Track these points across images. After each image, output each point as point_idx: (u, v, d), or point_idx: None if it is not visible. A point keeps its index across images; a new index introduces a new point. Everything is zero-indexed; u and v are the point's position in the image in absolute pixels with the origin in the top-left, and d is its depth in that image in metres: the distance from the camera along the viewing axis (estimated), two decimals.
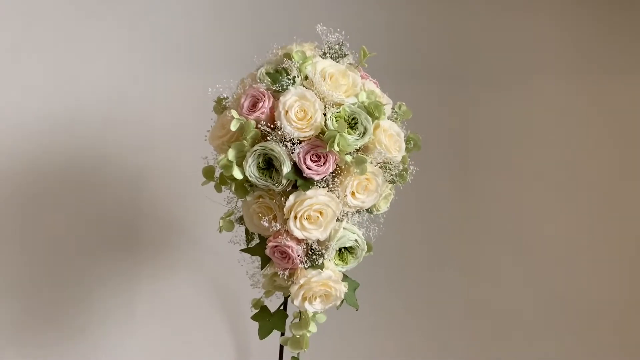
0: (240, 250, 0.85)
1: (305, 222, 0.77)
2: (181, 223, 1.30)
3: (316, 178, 0.78)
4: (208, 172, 0.84)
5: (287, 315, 0.84)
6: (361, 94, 0.84)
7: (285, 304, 0.87)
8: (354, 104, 0.83)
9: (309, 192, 0.77)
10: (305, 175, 0.78)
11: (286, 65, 0.82)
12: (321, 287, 0.77)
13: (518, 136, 1.35)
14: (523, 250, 1.33)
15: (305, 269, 0.78)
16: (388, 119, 0.87)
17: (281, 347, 0.93)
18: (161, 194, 1.29)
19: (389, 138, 0.84)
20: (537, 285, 1.32)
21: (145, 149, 1.26)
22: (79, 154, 1.24)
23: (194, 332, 1.27)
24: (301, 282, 0.76)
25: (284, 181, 0.78)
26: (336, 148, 0.76)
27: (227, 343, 1.28)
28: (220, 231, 0.85)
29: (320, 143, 0.78)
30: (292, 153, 0.78)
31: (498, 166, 1.35)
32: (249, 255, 0.87)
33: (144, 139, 1.26)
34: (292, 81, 0.81)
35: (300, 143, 0.79)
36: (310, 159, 0.78)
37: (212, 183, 0.84)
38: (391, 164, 0.85)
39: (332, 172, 0.79)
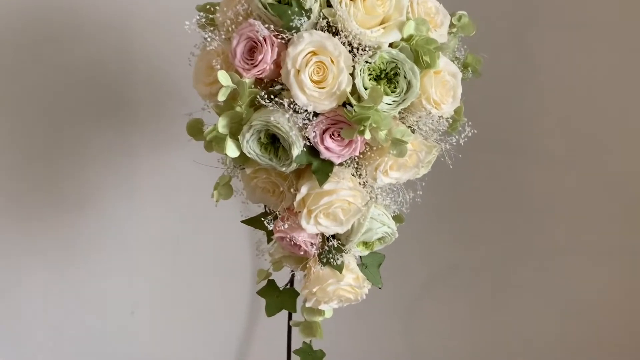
0: (242, 221, 0.68)
1: (321, 219, 0.59)
2: (180, 90, 1.09)
3: (337, 161, 0.57)
4: (193, 128, 0.63)
5: (297, 294, 0.71)
6: (408, 25, 0.58)
7: (292, 281, 0.74)
8: (395, 46, 0.57)
9: (328, 186, 0.57)
10: (322, 157, 0.57)
11: None
12: (340, 291, 0.63)
13: None
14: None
15: (321, 268, 0.62)
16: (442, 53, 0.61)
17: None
18: (155, 55, 1.06)
19: (442, 87, 0.60)
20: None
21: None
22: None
23: (202, 213, 1.16)
24: (314, 290, 0.61)
25: (294, 164, 0.58)
26: (368, 136, 0.54)
27: (237, 226, 1.18)
28: (216, 202, 0.67)
29: (343, 118, 0.56)
30: (306, 128, 0.56)
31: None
32: None
33: None
34: (306, 17, 0.54)
35: (316, 115, 0.57)
36: (331, 136, 0.56)
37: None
38: (439, 120, 0.63)
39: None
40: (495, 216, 1.16)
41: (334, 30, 0.56)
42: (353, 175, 0.60)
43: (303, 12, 0.54)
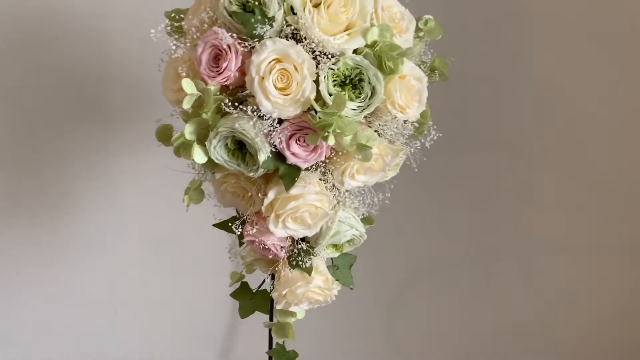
0: (214, 225, 0.69)
1: (289, 223, 0.60)
2: (158, 94, 1.10)
3: (303, 166, 0.58)
4: (162, 134, 0.63)
5: (270, 296, 0.72)
6: (371, 32, 0.58)
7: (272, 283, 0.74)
8: (360, 53, 0.58)
9: (295, 191, 0.58)
10: (289, 162, 0.58)
11: None
12: (309, 294, 0.64)
13: None
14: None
15: (290, 270, 0.63)
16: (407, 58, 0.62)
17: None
18: (130, 58, 1.07)
19: (407, 92, 0.61)
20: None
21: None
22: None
23: (183, 213, 1.16)
24: (284, 293, 0.62)
25: (262, 170, 0.59)
26: (331, 142, 0.54)
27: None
28: (187, 207, 0.68)
29: (308, 124, 0.56)
30: (271, 134, 0.57)
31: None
32: None
33: None
34: (269, 25, 0.55)
35: (281, 122, 0.57)
36: (297, 142, 0.57)
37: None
38: (405, 124, 0.64)
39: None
40: (478, 214, 1.17)
41: (298, 38, 0.57)
42: (320, 179, 0.61)
43: (266, 20, 0.55)
